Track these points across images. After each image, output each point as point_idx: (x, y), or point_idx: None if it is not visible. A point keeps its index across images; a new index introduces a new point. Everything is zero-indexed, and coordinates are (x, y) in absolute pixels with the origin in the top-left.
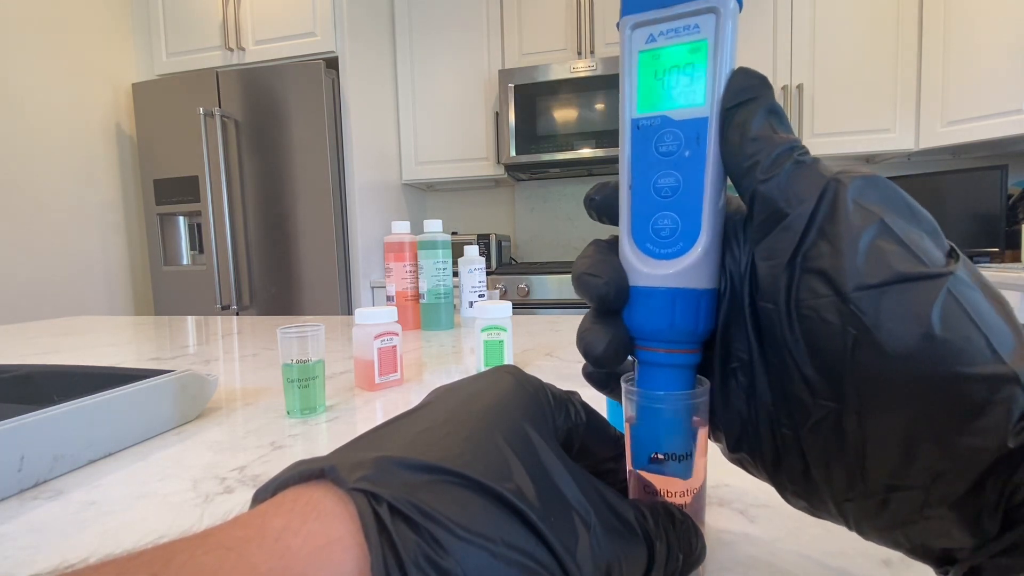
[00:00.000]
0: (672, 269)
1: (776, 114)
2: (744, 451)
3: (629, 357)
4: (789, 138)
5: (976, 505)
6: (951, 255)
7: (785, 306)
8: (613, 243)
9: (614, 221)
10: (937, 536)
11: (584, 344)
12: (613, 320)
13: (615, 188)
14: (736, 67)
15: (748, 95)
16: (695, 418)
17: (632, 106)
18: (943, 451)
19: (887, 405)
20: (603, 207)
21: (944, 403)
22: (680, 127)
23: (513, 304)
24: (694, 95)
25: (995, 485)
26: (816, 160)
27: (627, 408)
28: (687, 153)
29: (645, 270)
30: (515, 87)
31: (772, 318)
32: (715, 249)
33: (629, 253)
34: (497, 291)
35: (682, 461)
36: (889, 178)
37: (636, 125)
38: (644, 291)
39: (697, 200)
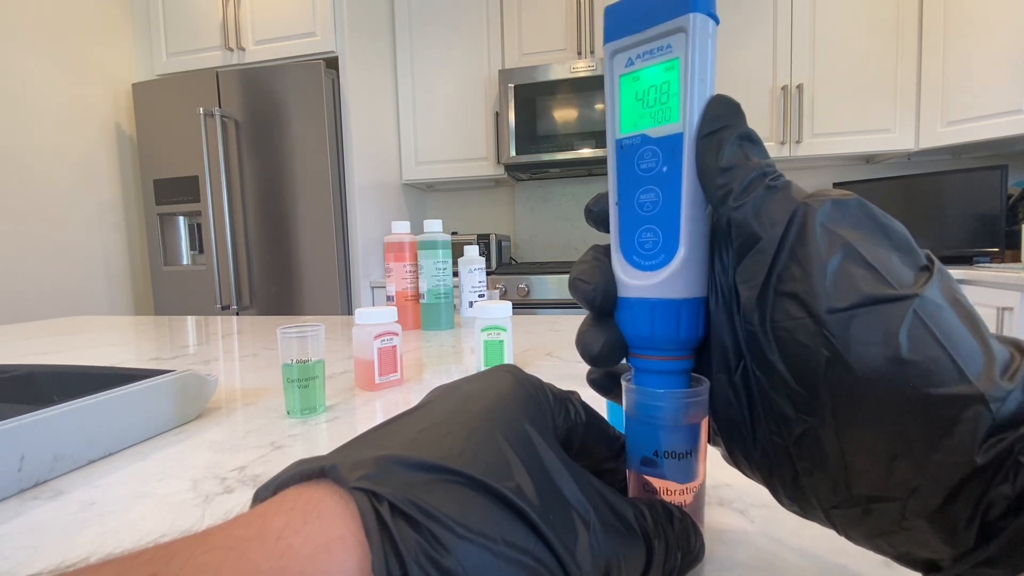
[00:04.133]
0: (652, 280)
1: (750, 140)
2: (739, 455)
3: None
4: (761, 164)
5: (951, 518)
6: (925, 268)
7: (761, 327)
8: (608, 248)
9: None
10: (918, 546)
11: (582, 345)
12: (608, 322)
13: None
14: (713, 94)
15: (720, 123)
16: (689, 418)
17: (615, 128)
18: (916, 467)
19: (861, 422)
20: (600, 218)
21: (914, 422)
22: (657, 144)
23: (513, 304)
24: (669, 112)
25: (968, 499)
26: (788, 184)
27: (626, 405)
28: (665, 169)
29: (630, 281)
30: (515, 87)
31: (752, 337)
32: (696, 259)
33: (618, 266)
34: (497, 291)
35: (681, 460)
36: (889, 178)
37: (620, 145)
38: (629, 301)
39: (675, 213)
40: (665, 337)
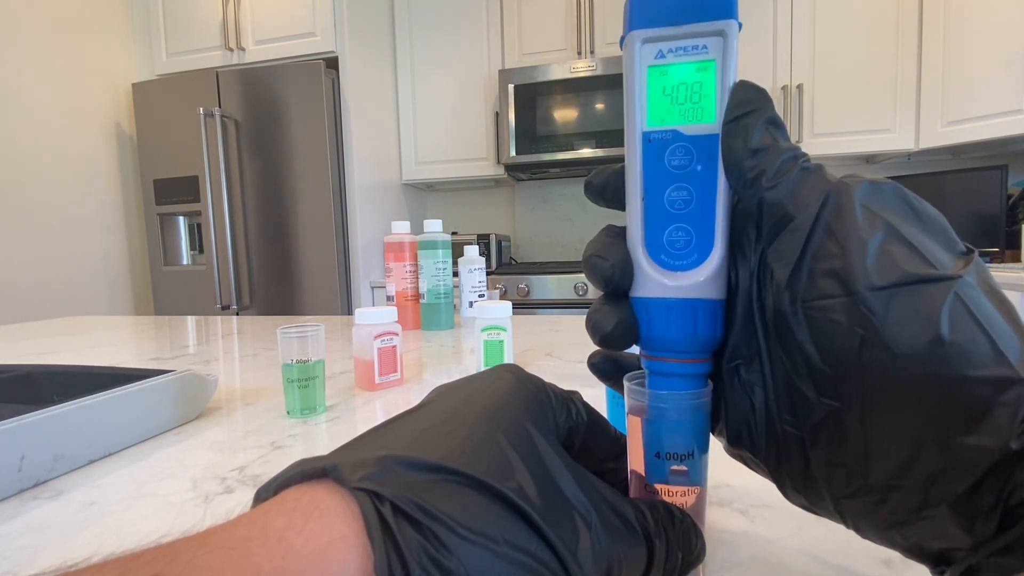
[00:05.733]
0: (691, 280)
1: (776, 125)
2: (744, 447)
3: (636, 348)
4: (791, 147)
5: (974, 505)
6: (964, 255)
7: (791, 306)
8: (623, 230)
9: (612, 203)
10: (934, 536)
11: (593, 324)
12: (623, 303)
13: (614, 172)
14: (737, 80)
15: (749, 107)
16: (692, 419)
17: (642, 119)
18: (945, 451)
19: (891, 405)
20: (599, 190)
21: (949, 404)
22: (691, 142)
23: (513, 304)
24: (704, 112)
25: (993, 486)
26: (820, 166)
27: (633, 408)
28: (699, 168)
29: (665, 281)
30: (515, 87)
31: (781, 317)
32: (728, 259)
33: (645, 265)
34: (497, 291)
35: (683, 461)
36: (889, 178)
37: (647, 138)
38: (664, 302)
39: (710, 213)
40: (706, 338)
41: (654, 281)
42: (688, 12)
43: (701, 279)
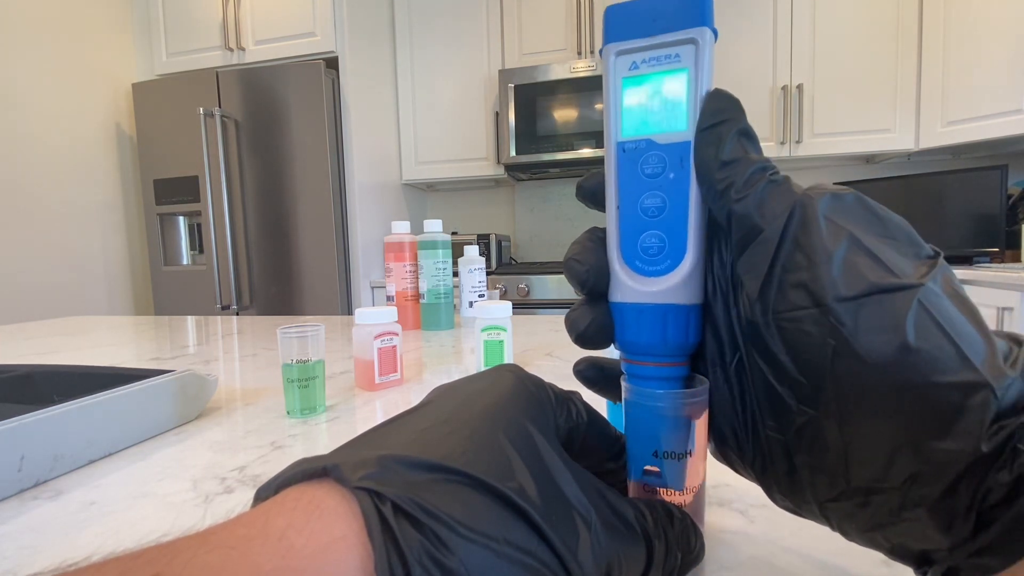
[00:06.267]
0: (662, 286)
1: (748, 136)
2: (731, 450)
3: (614, 347)
4: (760, 159)
5: (950, 507)
6: (931, 258)
7: (763, 317)
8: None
9: (602, 206)
10: (914, 538)
11: (570, 322)
12: (599, 304)
13: (603, 175)
14: (712, 88)
15: (721, 117)
16: (690, 418)
17: (617, 130)
18: (919, 456)
19: (866, 412)
20: (589, 193)
21: (920, 410)
22: (664, 150)
23: (513, 304)
24: (676, 120)
25: (968, 488)
26: (787, 178)
27: (625, 406)
28: (672, 175)
29: (636, 287)
30: (515, 87)
31: (754, 328)
32: (701, 265)
33: (619, 270)
34: (497, 291)
35: (681, 460)
36: (889, 178)
37: (622, 148)
38: (636, 307)
39: (683, 219)
40: (676, 343)
41: (626, 286)
42: (660, 22)
43: (672, 284)
